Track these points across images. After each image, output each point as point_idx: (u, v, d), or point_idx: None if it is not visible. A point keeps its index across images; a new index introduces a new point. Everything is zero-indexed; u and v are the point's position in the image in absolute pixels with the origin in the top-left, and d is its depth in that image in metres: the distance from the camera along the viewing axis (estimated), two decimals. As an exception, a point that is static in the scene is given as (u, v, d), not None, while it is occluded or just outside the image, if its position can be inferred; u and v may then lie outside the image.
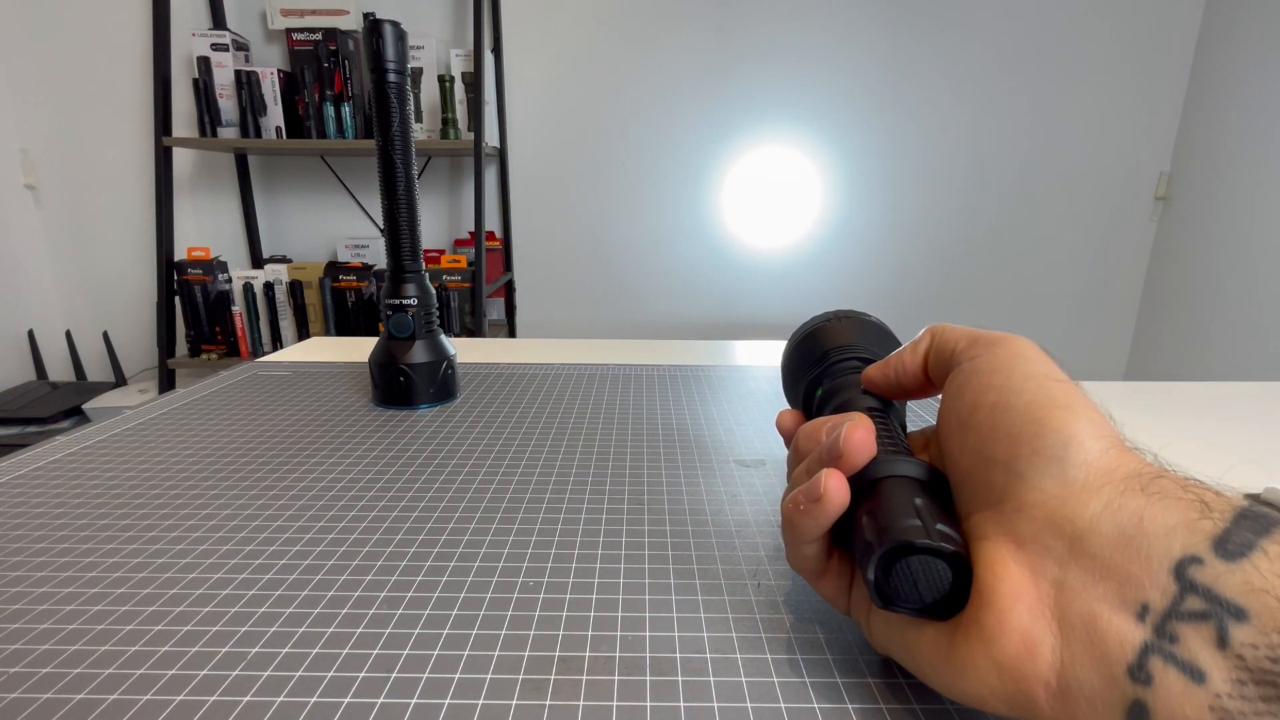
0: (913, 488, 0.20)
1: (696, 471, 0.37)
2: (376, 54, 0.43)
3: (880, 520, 0.19)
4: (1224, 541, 0.14)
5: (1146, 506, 0.16)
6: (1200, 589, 0.14)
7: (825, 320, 0.32)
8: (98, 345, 2.05)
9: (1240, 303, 1.78)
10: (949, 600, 0.18)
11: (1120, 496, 0.16)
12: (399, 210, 0.46)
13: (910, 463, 0.21)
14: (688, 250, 2.07)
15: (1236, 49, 1.79)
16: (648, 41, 1.91)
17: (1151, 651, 0.14)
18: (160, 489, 0.34)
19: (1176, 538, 0.15)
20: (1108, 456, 0.17)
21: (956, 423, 0.20)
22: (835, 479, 0.20)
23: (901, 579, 0.18)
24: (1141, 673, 0.14)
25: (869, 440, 0.20)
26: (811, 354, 0.30)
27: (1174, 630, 0.14)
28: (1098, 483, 0.17)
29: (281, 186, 2.02)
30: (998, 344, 0.21)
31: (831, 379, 0.28)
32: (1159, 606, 0.14)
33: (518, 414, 0.46)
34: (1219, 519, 0.15)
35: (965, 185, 2.02)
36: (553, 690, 0.21)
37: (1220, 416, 0.50)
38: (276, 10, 1.77)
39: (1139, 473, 0.17)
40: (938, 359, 0.23)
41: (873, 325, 0.31)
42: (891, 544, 0.18)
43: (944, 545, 0.18)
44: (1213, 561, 0.14)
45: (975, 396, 0.20)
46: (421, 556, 0.28)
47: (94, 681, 0.21)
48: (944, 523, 0.18)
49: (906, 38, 1.91)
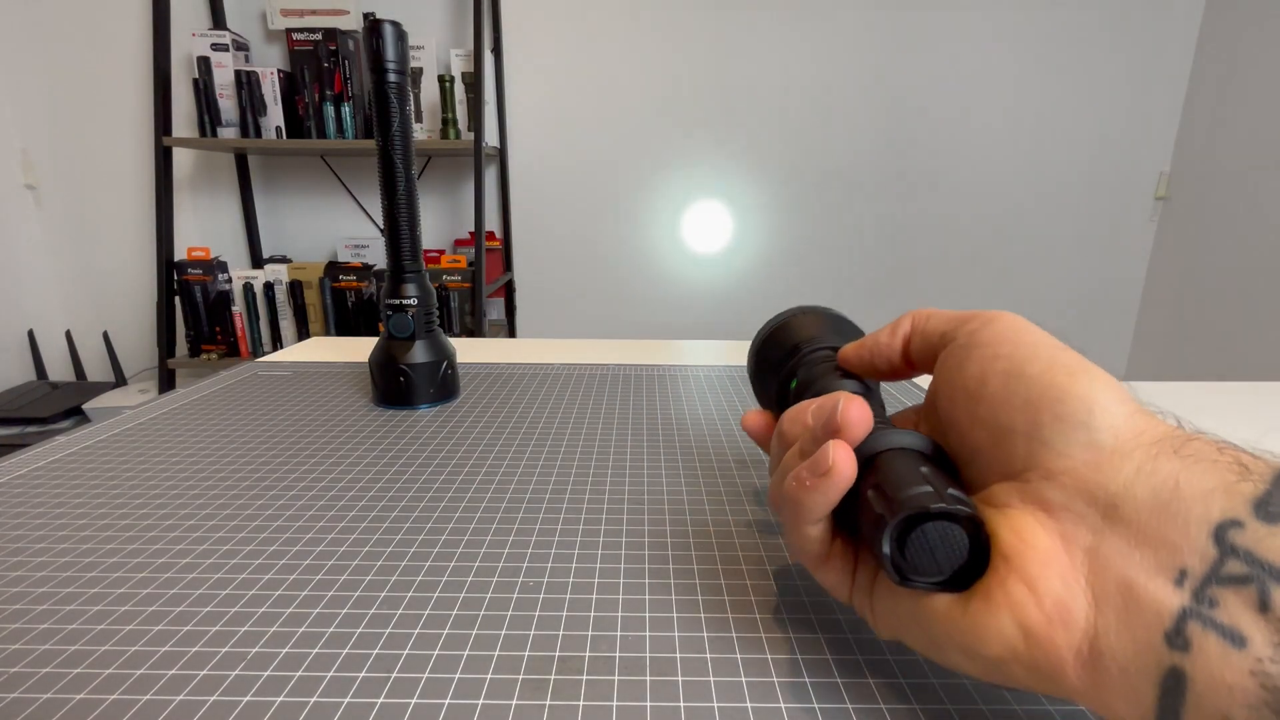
0: (916, 458, 0.19)
1: (696, 471, 0.37)
2: (376, 54, 0.43)
3: (889, 492, 0.18)
4: (1265, 504, 0.14)
5: (1181, 470, 0.15)
6: (1241, 552, 0.14)
7: (790, 315, 0.31)
8: (98, 345, 2.05)
9: (1240, 303, 1.78)
10: (966, 570, 0.18)
11: (1153, 461, 0.16)
12: (399, 210, 0.46)
13: (908, 434, 0.20)
14: (688, 250, 2.07)
15: (1236, 49, 1.79)
16: (647, 41, 1.91)
17: (1190, 617, 0.14)
18: (160, 489, 0.34)
19: (1215, 501, 0.14)
20: (1134, 420, 0.17)
21: (963, 396, 0.20)
22: (843, 450, 0.19)
23: (918, 550, 0.18)
24: (1179, 638, 0.14)
25: (866, 413, 0.20)
26: (781, 348, 0.30)
27: (1214, 595, 0.14)
28: (1127, 447, 0.16)
29: (281, 186, 2.02)
30: (995, 318, 0.21)
31: (806, 369, 0.28)
32: (1198, 571, 0.14)
33: (518, 414, 0.46)
34: (1259, 481, 0.14)
35: (965, 185, 2.02)
36: (553, 690, 0.21)
37: (1220, 416, 0.50)
38: (276, 10, 1.77)
39: (1170, 435, 0.16)
40: (923, 342, 0.23)
41: (836, 318, 0.31)
42: (906, 512, 0.17)
43: (960, 508, 0.17)
44: (1254, 524, 0.14)
45: (983, 367, 0.19)
46: (421, 556, 0.28)
47: (94, 681, 0.21)
48: (955, 488, 0.18)
49: (906, 38, 1.91)
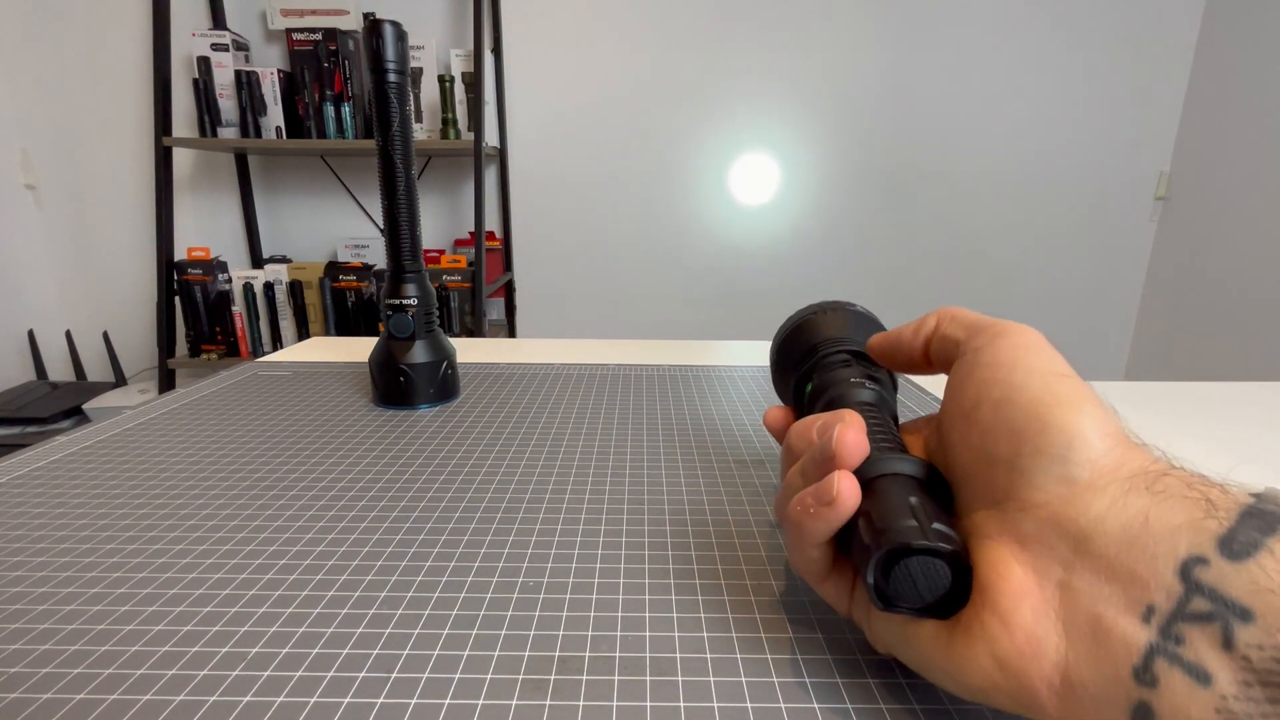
0: (908, 486, 0.20)
1: (696, 471, 0.37)
2: (376, 54, 0.43)
3: (876, 523, 0.19)
4: (1229, 541, 0.14)
5: (1152, 505, 0.15)
6: (1205, 590, 0.14)
7: (812, 312, 0.31)
8: (98, 345, 2.05)
9: (1240, 303, 1.78)
10: (949, 599, 0.18)
11: (1125, 495, 0.16)
12: (399, 210, 0.46)
13: (905, 460, 0.20)
14: (688, 251, 2.07)
15: (1236, 49, 1.79)
16: (647, 41, 1.91)
17: (1157, 653, 0.14)
18: (160, 489, 0.34)
19: (1182, 537, 0.15)
20: (1113, 454, 0.17)
21: (959, 416, 0.20)
22: (848, 481, 0.19)
23: (901, 580, 0.18)
24: (1147, 675, 0.14)
25: (861, 440, 0.20)
26: (800, 347, 0.30)
27: (1179, 632, 0.14)
28: (1102, 481, 0.16)
29: (281, 186, 2.02)
30: (1002, 335, 0.20)
31: (821, 373, 0.28)
32: (1164, 608, 0.14)
33: (518, 414, 0.46)
34: (1224, 518, 0.14)
35: (965, 185, 2.02)
36: (553, 690, 0.21)
37: (1220, 416, 0.50)
38: (276, 10, 1.77)
39: (1144, 470, 0.16)
40: (941, 344, 0.23)
41: (860, 315, 0.31)
42: (889, 547, 0.18)
43: (941, 545, 0.18)
44: (1218, 562, 0.14)
45: (978, 391, 0.20)
46: (421, 556, 0.28)
47: (94, 681, 0.21)
48: (941, 521, 0.18)
49: (907, 38, 1.91)
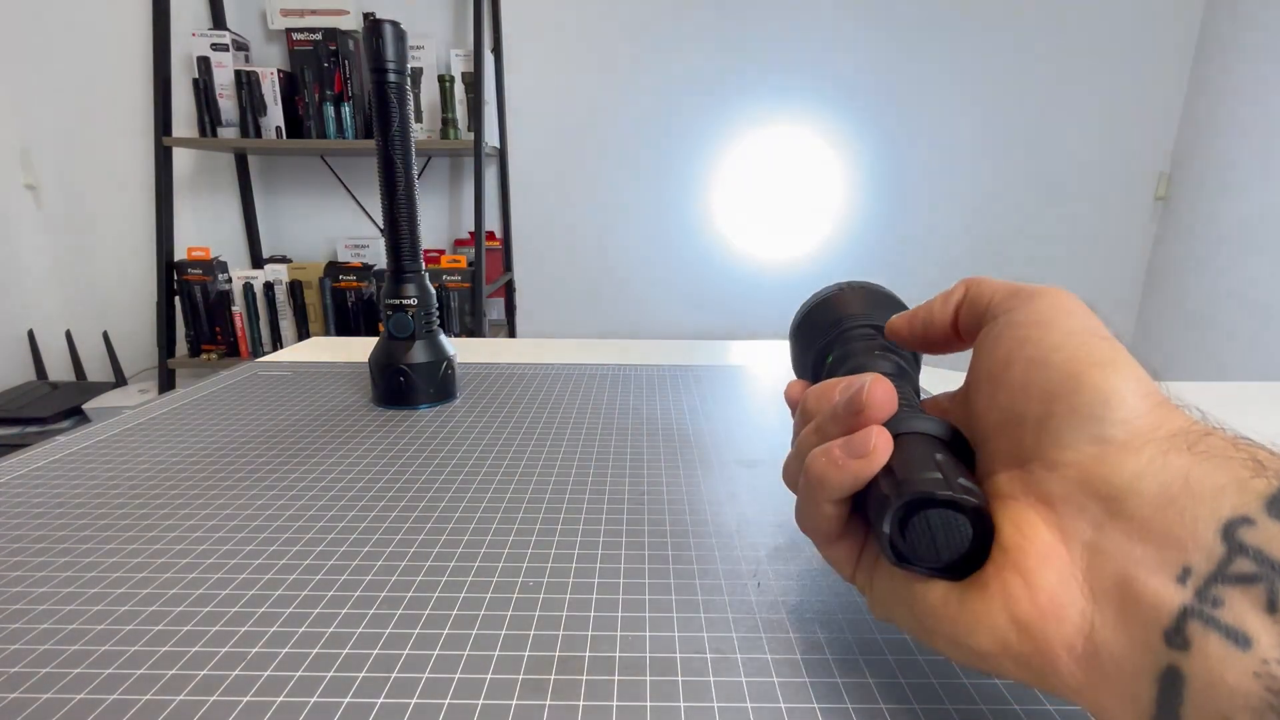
0: (933, 444, 0.19)
1: (696, 471, 0.37)
2: (376, 54, 0.43)
3: (899, 473, 0.18)
4: (1278, 501, 0.13)
5: (1193, 465, 0.15)
6: (1250, 550, 0.13)
7: (838, 289, 0.31)
8: (98, 345, 2.05)
9: (1240, 303, 1.77)
10: (965, 560, 0.17)
11: (1164, 455, 0.15)
12: (399, 210, 0.46)
13: (930, 420, 0.20)
14: (688, 251, 2.07)
15: (1236, 49, 1.79)
16: (648, 41, 1.91)
17: (1191, 615, 0.13)
18: (160, 489, 0.34)
19: (1226, 497, 0.14)
20: (1152, 415, 0.16)
21: (987, 378, 0.19)
22: (885, 436, 0.19)
23: (918, 535, 0.17)
24: (1179, 637, 0.14)
25: (892, 395, 0.20)
26: (823, 322, 0.30)
27: (1218, 594, 0.13)
28: (1138, 441, 0.16)
29: (281, 186, 2.02)
30: (1037, 296, 0.20)
31: (843, 345, 0.28)
32: (1202, 570, 0.14)
33: (518, 414, 0.46)
34: (1274, 478, 0.14)
35: (965, 186, 2.02)
36: (553, 690, 0.21)
37: (1220, 417, 0.50)
38: (276, 10, 1.77)
39: (1185, 430, 0.16)
40: (971, 311, 0.22)
41: (884, 295, 0.31)
42: (911, 496, 0.17)
43: (967, 498, 0.17)
44: (1266, 522, 0.13)
45: (1010, 350, 0.19)
46: (421, 556, 0.28)
47: (94, 681, 0.21)
48: (966, 478, 0.18)
49: (907, 39, 1.91)
